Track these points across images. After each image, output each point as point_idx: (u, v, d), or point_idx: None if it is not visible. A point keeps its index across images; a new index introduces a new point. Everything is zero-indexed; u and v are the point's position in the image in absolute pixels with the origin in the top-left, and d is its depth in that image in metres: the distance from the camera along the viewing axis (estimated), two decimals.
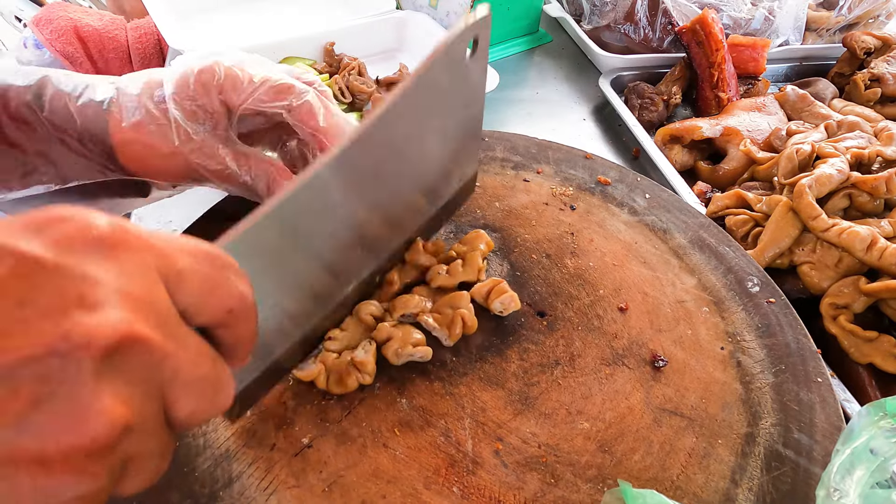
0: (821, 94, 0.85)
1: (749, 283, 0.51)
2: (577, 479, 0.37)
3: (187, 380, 0.21)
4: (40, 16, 0.74)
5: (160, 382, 0.20)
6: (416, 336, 0.41)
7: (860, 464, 0.32)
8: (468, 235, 0.49)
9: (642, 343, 0.45)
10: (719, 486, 0.38)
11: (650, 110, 0.83)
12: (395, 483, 0.36)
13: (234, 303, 0.23)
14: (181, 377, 0.20)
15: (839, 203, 0.58)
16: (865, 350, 0.51)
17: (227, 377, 0.23)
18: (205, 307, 0.22)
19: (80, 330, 0.17)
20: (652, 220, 0.56)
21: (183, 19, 0.83)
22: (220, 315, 0.22)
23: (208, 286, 0.22)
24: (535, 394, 0.41)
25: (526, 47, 1.02)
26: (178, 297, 0.21)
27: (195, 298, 0.22)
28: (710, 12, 0.81)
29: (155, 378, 0.20)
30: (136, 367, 0.19)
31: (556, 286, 0.49)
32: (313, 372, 0.38)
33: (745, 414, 0.41)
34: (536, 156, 0.62)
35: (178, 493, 0.35)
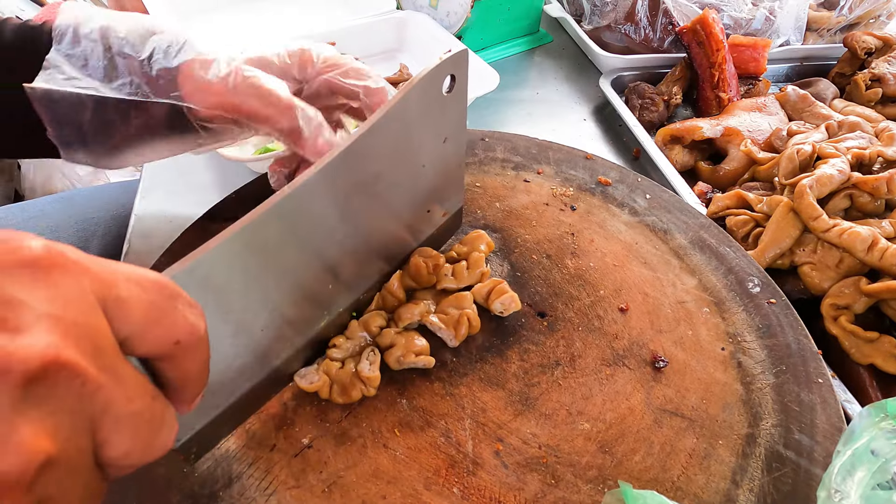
0: (821, 95, 0.84)
1: (750, 283, 0.51)
2: (578, 479, 0.37)
3: (120, 415, 0.19)
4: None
5: (90, 416, 0.19)
6: (419, 344, 0.41)
7: (861, 465, 0.32)
8: (469, 236, 0.49)
9: (643, 344, 0.45)
10: (720, 486, 0.37)
11: (651, 110, 0.83)
12: (396, 483, 0.36)
13: (181, 334, 0.21)
14: (113, 412, 0.19)
15: (840, 203, 0.58)
16: (866, 351, 0.51)
17: (169, 416, 0.21)
18: (148, 337, 0.21)
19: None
20: (652, 220, 0.56)
21: (184, 20, 0.83)
22: (165, 346, 0.21)
23: (153, 315, 0.20)
24: (536, 394, 0.41)
25: (526, 47, 1.02)
26: (119, 325, 0.20)
27: (137, 327, 0.20)
28: (711, 12, 0.81)
29: (84, 411, 0.18)
30: (63, 396, 0.18)
31: (556, 287, 0.49)
32: (317, 384, 0.38)
33: (745, 415, 0.41)
34: (537, 156, 0.62)
35: (179, 494, 0.34)
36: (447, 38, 0.87)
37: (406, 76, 0.85)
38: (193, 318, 0.22)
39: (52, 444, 0.17)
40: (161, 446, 0.21)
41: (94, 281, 0.19)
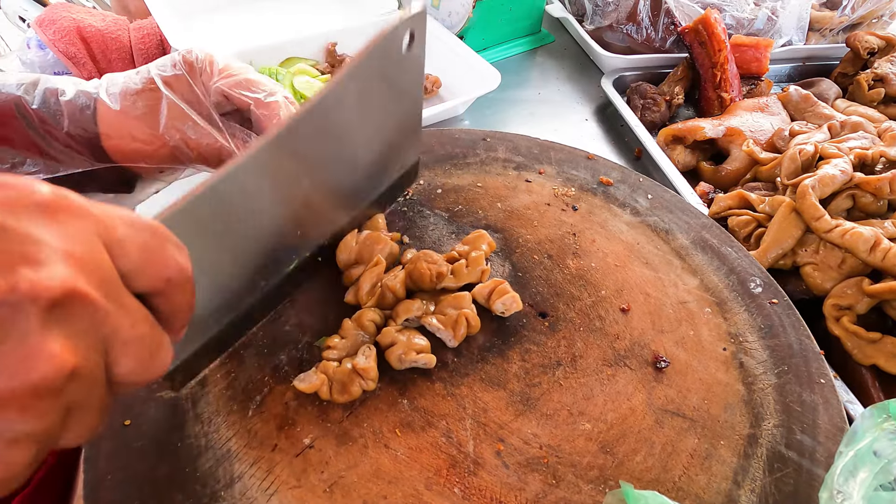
0: (824, 95, 0.84)
1: (752, 283, 0.51)
2: (579, 480, 0.37)
3: (126, 339, 0.22)
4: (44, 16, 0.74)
5: (102, 338, 0.21)
6: (419, 342, 0.41)
7: (863, 466, 0.32)
8: (470, 236, 0.49)
9: (644, 344, 0.45)
10: (721, 487, 0.37)
11: (652, 111, 0.83)
12: (397, 484, 0.36)
13: (172, 272, 0.24)
14: (121, 336, 0.22)
15: (842, 204, 0.58)
16: (869, 351, 0.51)
17: (166, 342, 0.24)
18: (144, 274, 0.23)
19: (26, 283, 0.19)
20: (654, 220, 0.56)
21: (185, 20, 0.83)
22: (158, 283, 0.24)
23: (148, 254, 0.23)
24: (537, 395, 0.41)
25: (528, 48, 1.02)
26: (119, 262, 0.22)
27: (135, 265, 0.23)
28: (713, 12, 0.81)
29: (97, 333, 0.21)
30: (80, 321, 0.20)
31: (557, 287, 0.49)
32: (315, 384, 0.38)
33: (747, 415, 0.41)
34: (538, 156, 0.62)
35: (180, 494, 0.35)
36: (449, 37, 0.87)
37: None
38: (182, 259, 0.25)
39: (75, 358, 0.20)
40: (160, 366, 0.24)
41: (97, 222, 0.22)
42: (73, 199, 0.22)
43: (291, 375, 0.40)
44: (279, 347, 0.42)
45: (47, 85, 0.40)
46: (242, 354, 0.41)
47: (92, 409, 0.22)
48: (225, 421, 0.38)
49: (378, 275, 0.44)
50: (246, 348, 0.42)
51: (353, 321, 0.42)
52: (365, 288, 0.43)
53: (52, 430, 0.20)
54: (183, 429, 0.37)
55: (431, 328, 0.42)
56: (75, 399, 0.21)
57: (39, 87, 0.40)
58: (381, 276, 0.44)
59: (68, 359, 0.20)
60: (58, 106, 0.40)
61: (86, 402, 0.21)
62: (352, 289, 0.45)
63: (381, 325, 0.42)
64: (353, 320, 0.42)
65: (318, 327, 0.44)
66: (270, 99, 0.40)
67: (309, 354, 0.42)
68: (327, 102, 0.35)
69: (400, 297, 0.44)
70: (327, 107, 0.35)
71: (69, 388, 0.20)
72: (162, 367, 0.24)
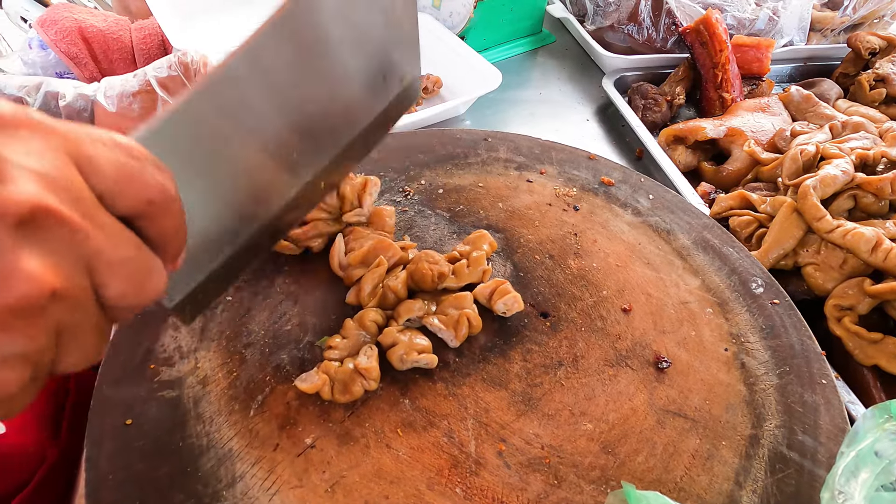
0: (825, 95, 0.84)
1: (753, 284, 0.51)
2: (581, 480, 0.37)
3: (111, 260, 0.21)
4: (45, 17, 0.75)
5: (84, 260, 0.21)
6: (421, 342, 0.41)
7: (865, 466, 0.32)
8: (471, 236, 0.49)
9: (646, 344, 0.45)
10: (723, 488, 0.37)
11: (654, 111, 0.83)
12: (398, 483, 0.36)
13: (153, 193, 0.23)
14: (105, 257, 0.21)
15: (844, 204, 0.58)
16: (870, 352, 0.50)
17: (157, 265, 0.23)
18: (121, 195, 0.22)
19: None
20: (655, 220, 0.56)
21: (187, 20, 0.83)
22: (139, 205, 0.23)
23: (124, 174, 0.22)
24: (539, 395, 0.41)
25: (529, 48, 1.02)
26: (92, 181, 0.21)
27: (110, 185, 0.22)
28: (714, 12, 0.81)
29: (78, 254, 0.20)
30: (56, 240, 0.20)
31: (559, 287, 0.49)
32: (317, 384, 0.38)
33: (749, 416, 0.41)
34: (540, 156, 0.62)
35: (182, 494, 0.35)
36: (450, 37, 0.87)
37: None
38: (164, 179, 0.23)
39: (56, 278, 0.19)
40: (153, 289, 0.23)
41: (62, 139, 0.21)
42: (34, 114, 0.21)
43: (293, 375, 0.40)
44: (281, 347, 0.42)
45: (48, 88, 0.40)
46: (244, 354, 0.42)
47: (86, 332, 0.22)
48: (226, 420, 0.38)
49: (380, 276, 0.44)
50: (247, 348, 0.42)
51: (355, 321, 0.42)
52: (366, 289, 0.43)
53: (45, 352, 0.20)
54: (184, 428, 0.37)
55: (433, 328, 0.42)
56: (64, 321, 0.20)
57: (41, 90, 0.40)
58: (382, 276, 0.44)
59: (48, 278, 0.19)
60: (57, 110, 0.40)
61: (77, 324, 0.21)
62: (353, 289, 0.45)
63: (383, 326, 0.42)
64: (354, 320, 0.42)
65: (320, 327, 0.44)
66: None
67: (310, 354, 0.42)
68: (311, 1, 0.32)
69: (401, 298, 0.44)
70: (312, 5, 0.32)
71: (54, 309, 0.20)
72: (155, 290, 0.23)
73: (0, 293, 0.18)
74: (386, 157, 0.59)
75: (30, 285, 0.19)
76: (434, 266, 0.44)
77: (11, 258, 0.19)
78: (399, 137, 0.62)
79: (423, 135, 0.63)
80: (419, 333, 0.42)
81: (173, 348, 0.41)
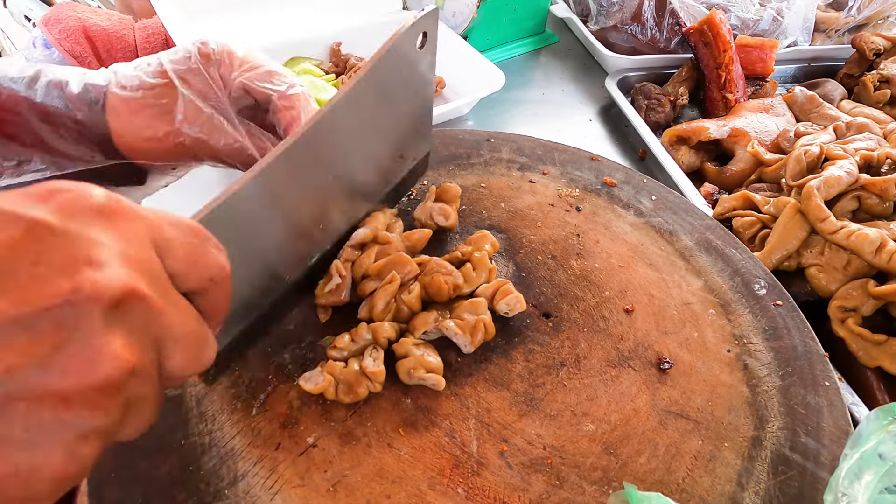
0: (829, 96, 0.84)
1: (756, 285, 0.50)
2: (583, 481, 0.37)
3: (178, 335, 0.23)
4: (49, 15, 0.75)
5: (157, 335, 0.22)
6: (431, 360, 0.40)
7: (869, 468, 0.31)
8: (473, 236, 0.49)
9: (648, 345, 0.45)
10: (725, 489, 0.37)
11: (657, 111, 0.83)
12: (400, 483, 0.36)
13: (214, 272, 0.25)
14: (173, 332, 0.23)
15: (848, 205, 0.58)
16: (874, 353, 0.50)
17: (210, 337, 0.25)
18: (190, 274, 0.24)
19: (89, 284, 0.20)
20: (658, 221, 0.56)
21: (191, 19, 0.84)
22: (203, 282, 0.25)
23: (194, 255, 0.24)
24: (541, 395, 0.41)
25: (532, 48, 1.02)
26: (168, 263, 0.23)
27: (182, 266, 0.24)
28: (718, 13, 0.80)
29: (153, 331, 0.22)
30: (137, 319, 0.21)
31: (561, 287, 0.49)
32: (322, 385, 0.38)
33: (751, 417, 0.41)
34: (542, 157, 0.62)
35: (184, 492, 0.35)
36: (453, 38, 0.87)
37: None
38: (222, 258, 0.26)
39: (134, 356, 0.21)
40: (207, 359, 0.25)
41: (147, 225, 0.23)
42: (124, 202, 0.23)
43: (295, 374, 0.40)
44: (283, 346, 0.42)
45: (51, 77, 0.39)
46: (247, 353, 0.42)
47: (148, 403, 0.23)
48: (229, 419, 0.38)
49: (392, 292, 0.43)
50: (250, 347, 0.42)
51: (370, 329, 0.41)
52: (379, 306, 0.42)
53: (115, 425, 0.21)
54: (187, 427, 0.37)
55: (448, 332, 0.42)
56: (134, 394, 0.22)
57: (41, 80, 0.38)
58: (395, 293, 0.43)
59: (129, 357, 0.21)
60: (62, 100, 0.38)
61: (143, 396, 0.22)
62: (366, 304, 0.43)
63: (395, 341, 0.42)
64: (369, 328, 0.41)
65: (322, 326, 0.44)
66: (292, 91, 0.40)
67: (313, 353, 0.42)
68: (347, 101, 0.36)
69: (416, 311, 0.43)
70: (347, 106, 0.37)
71: (130, 385, 0.21)
72: (208, 360, 0.25)
73: (89, 373, 0.20)
74: None
75: (115, 365, 0.20)
76: (449, 278, 0.43)
77: (102, 340, 0.20)
78: None
79: None
80: (432, 350, 0.41)
81: None
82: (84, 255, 0.20)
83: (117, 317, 0.21)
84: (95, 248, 0.20)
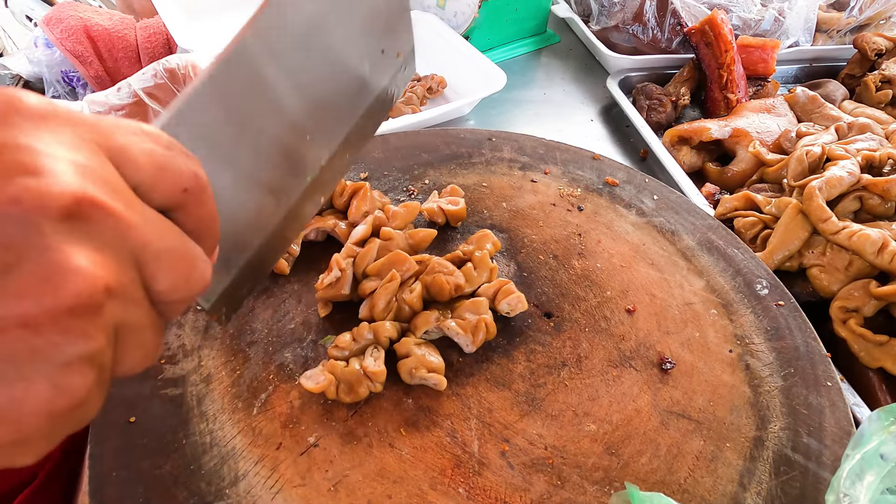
0: (831, 96, 0.84)
1: (758, 285, 0.50)
2: (584, 481, 0.37)
3: (158, 251, 0.20)
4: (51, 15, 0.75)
5: (132, 253, 0.20)
6: (433, 360, 0.40)
7: (870, 469, 0.31)
8: (474, 235, 0.48)
9: (650, 345, 0.45)
10: (727, 489, 0.37)
11: (658, 111, 0.83)
12: (401, 483, 0.36)
13: (187, 181, 0.22)
14: (151, 249, 0.20)
15: (850, 206, 0.58)
16: (876, 354, 0.50)
17: (200, 254, 0.22)
18: (158, 185, 0.21)
19: (28, 193, 0.17)
20: (660, 221, 0.56)
21: (192, 19, 0.84)
22: (175, 195, 0.22)
23: (157, 163, 0.21)
24: (542, 395, 0.41)
25: (533, 48, 1.02)
26: (127, 172, 0.20)
27: (145, 175, 0.21)
28: (720, 13, 0.80)
29: (125, 247, 0.19)
30: (102, 233, 0.19)
31: (563, 287, 0.49)
32: (323, 384, 0.38)
33: (753, 417, 0.41)
34: (544, 156, 0.62)
35: (185, 491, 0.35)
36: (454, 37, 0.87)
37: (413, 76, 0.85)
38: (194, 165, 0.23)
39: (107, 273, 0.18)
40: (200, 279, 0.22)
41: (92, 130, 0.20)
42: (62, 106, 0.20)
43: (296, 374, 0.40)
44: (284, 346, 0.42)
45: None
46: (247, 352, 0.42)
47: (142, 330, 0.21)
48: (230, 419, 0.38)
49: (393, 291, 0.43)
50: (251, 346, 0.42)
51: (371, 328, 0.41)
52: (380, 305, 0.42)
53: (105, 352, 0.19)
54: (188, 426, 0.37)
55: (450, 332, 0.42)
56: (120, 318, 0.20)
57: None
58: (395, 291, 0.43)
59: (100, 273, 0.18)
60: None
61: (133, 321, 0.20)
62: (366, 304, 0.44)
63: (396, 340, 0.42)
64: (371, 327, 0.41)
65: (323, 326, 0.44)
66: None
67: (314, 353, 0.42)
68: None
69: (417, 311, 0.43)
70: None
71: (110, 306, 0.19)
72: (203, 279, 0.22)
73: (55, 293, 0.17)
74: (390, 157, 0.59)
75: (83, 283, 0.18)
76: (450, 278, 0.43)
77: (61, 256, 0.18)
78: (403, 137, 0.62)
79: (428, 134, 0.63)
80: (434, 350, 0.41)
81: (177, 346, 0.41)
82: (18, 162, 0.17)
83: (76, 230, 0.18)
84: (32, 154, 0.18)
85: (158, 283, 0.21)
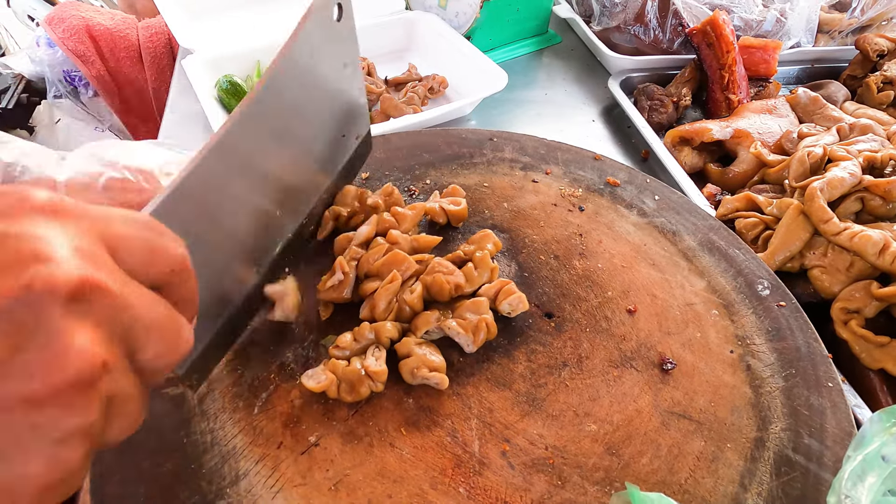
0: (833, 97, 0.84)
1: (759, 286, 0.50)
2: (585, 481, 0.37)
3: (148, 324, 0.22)
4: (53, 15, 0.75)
5: (125, 326, 0.22)
6: (434, 360, 0.40)
7: (872, 470, 0.31)
8: (475, 236, 0.48)
9: (651, 345, 0.45)
10: (728, 490, 0.37)
11: (660, 112, 0.82)
12: (402, 483, 0.36)
13: (173, 263, 0.25)
14: (142, 322, 0.22)
15: (851, 206, 0.58)
16: (877, 355, 0.50)
17: (184, 323, 0.25)
18: (149, 268, 0.24)
19: (40, 279, 0.19)
20: (661, 221, 0.56)
21: (194, 19, 0.84)
22: (163, 275, 0.24)
23: (149, 248, 0.24)
24: (543, 395, 0.41)
25: (535, 48, 1.02)
26: (122, 257, 0.23)
27: (138, 260, 0.23)
28: (721, 14, 0.80)
29: (119, 322, 0.22)
30: (100, 311, 0.21)
31: (564, 287, 0.48)
32: (324, 384, 0.38)
33: (754, 418, 0.41)
34: (545, 157, 0.62)
35: (186, 490, 0.35)
36: (456, 38, 0.87)
37: (414, 76, 0.86)
38: (180, 249, 0.25)
39: (104, 350, 0.21)
40: (184, 345, 0.24)
41: (95, 221, 0.23)
42: (68, 201, 0.22)
43: (297, 373, 0.40)
44: (285, 345, 0.42)
45: None
46: (248, 352, 0.42)
47: (130, 400, 0.22)
48: (231, 418, 0.38)
49: (394, 291, 0.43)
50: (252, 346, 0.42)
51: (371, 328, 0.41)
52: (381, 305, 0.42)
53: (97, 424, 0.21)
54: (189, 425, 0.37)
55: (451, 332, 0.42)
56: (112, 390, 0.21)
57: None
58: (396, 292, 0.43)
59: (98, 351, 0.20)
60: None
61: (123, 391, 0.22)
62: (367, 304, 0.43)
63: (397, 340, 0.42)
64: (371, 327, 0.41)
65: (323, 326, 0.44)
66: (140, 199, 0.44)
67: (315, 352, 0.42)
68: (277, 78, 0.37)
69: (417, 311, 0.43)
70: (278, 83, 0.37)
71: (104, 380, 0.21)
72: (187, 345, 0.24)
73: (59, 372, 0.19)
74: (391, 157, 0.59)
75: (83, 360, 0.20)
76: (451, 278, 0.43)
77: (65, 336, 0.19)
78: (404, 137, 0.62)
79: (429, 134, 0.63)
80: (435, 349, 0.41)
81: None
82: (31, 251, 0.20)
83: (79, 311, 0.20)
84: (43, 244, 0.20)
85: (147, 352, 0.23)
